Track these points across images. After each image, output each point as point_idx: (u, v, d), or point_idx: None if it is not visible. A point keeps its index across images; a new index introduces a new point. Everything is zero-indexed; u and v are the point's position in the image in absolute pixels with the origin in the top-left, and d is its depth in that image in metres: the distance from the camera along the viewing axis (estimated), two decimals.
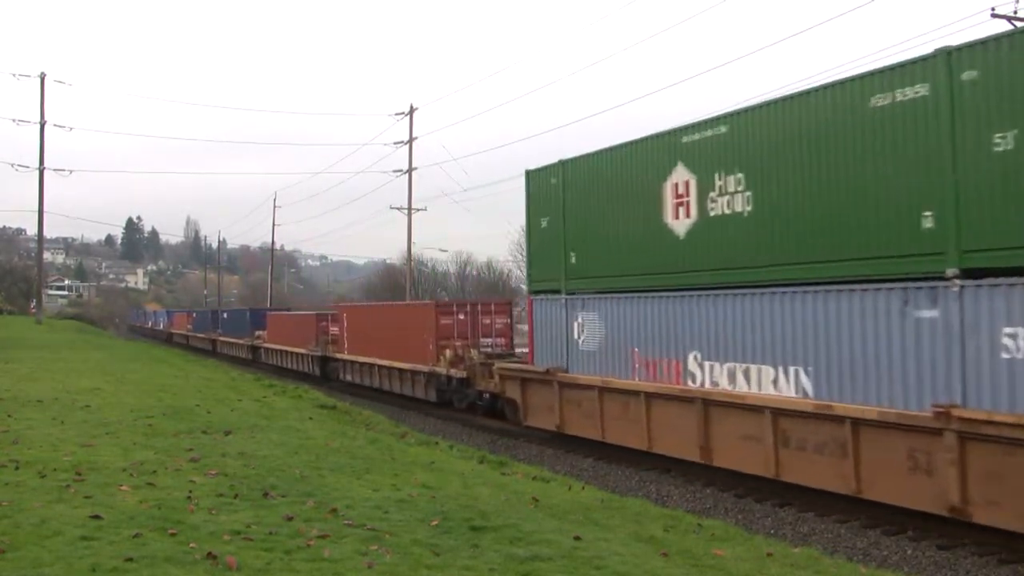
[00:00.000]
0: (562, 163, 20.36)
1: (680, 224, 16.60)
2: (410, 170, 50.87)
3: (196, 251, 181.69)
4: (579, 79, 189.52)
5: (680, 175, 16.55)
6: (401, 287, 61.71)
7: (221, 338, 63.17)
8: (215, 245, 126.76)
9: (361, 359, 34.39)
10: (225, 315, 66.78)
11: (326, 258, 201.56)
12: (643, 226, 17.61)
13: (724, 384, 15.58)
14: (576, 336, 19.68)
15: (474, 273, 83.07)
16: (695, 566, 7.63)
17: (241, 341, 55.86)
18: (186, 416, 14.36)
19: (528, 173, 21.92)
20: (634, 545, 8.19)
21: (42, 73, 53.90)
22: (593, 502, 11.07)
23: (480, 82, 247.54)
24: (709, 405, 15.83)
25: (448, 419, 28.29)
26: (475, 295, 74.55)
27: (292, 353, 44.07)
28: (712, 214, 15.81)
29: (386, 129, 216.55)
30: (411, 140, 50.82)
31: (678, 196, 16.59)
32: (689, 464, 17.59)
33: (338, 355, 37.06)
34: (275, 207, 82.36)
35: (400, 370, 30.73)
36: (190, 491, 8.29)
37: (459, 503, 8.89)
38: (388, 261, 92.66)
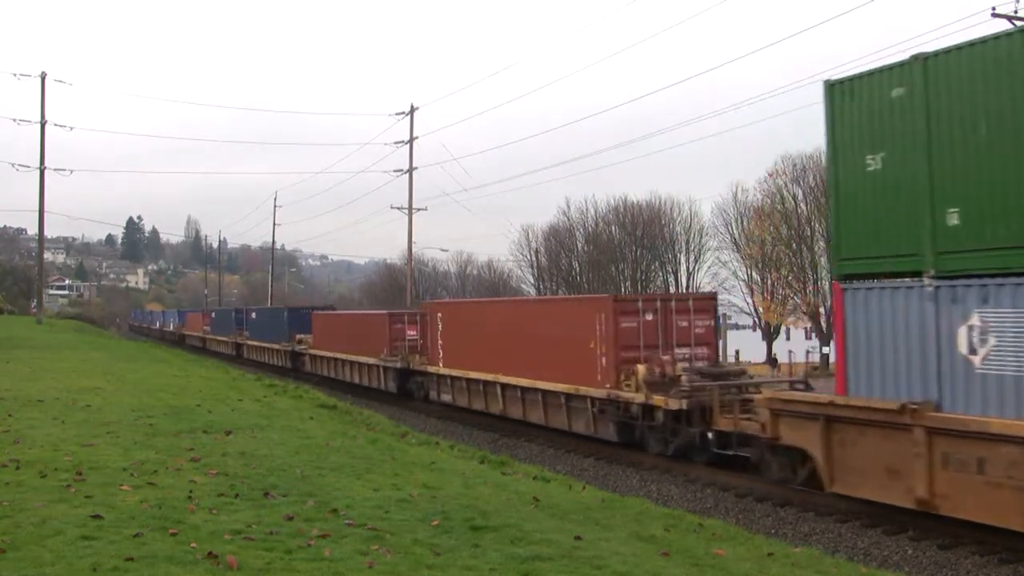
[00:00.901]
0: (922, 60, 12.48)
1: None
2: (411, 170, 50.89)
3: (197, 251, 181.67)
4: (579, 79, 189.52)
5: None
6: (402, 287, 61.75)
7: (249, 342, 54.42)
8: (215, 245, 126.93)
9: (472, 375, 25.76)
10: (254, 315, 56.73)
11: (326, 258, 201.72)
12: None
13: None
14: (965, 350, 11.86)
15: (474, 273, 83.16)
16: (696, 566, 7.63)
17: (277, 346, 47.67)
18: (187, 416, 14.36)
19: (831, 87, 13.77)
20: (635, 545, 8.19)
21: (43, 73, 53.74)
22: (594, 502, 11.07)
23: (480, 82, 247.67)
24: None
25: (447, 420, 27.97)
26: (475, 295, 74.58)
27: (354, 363, 36.17)
28: None
29: (387, 129, 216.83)
30: (411, 140, 50.85)
31: None
32: (690, 464, 17.58)
33: (429, 368, 28.89)
34: (275, 207, 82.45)
35: (545, 393, 22.16)
36: (191, 491, 8.29)
37: (460, 503, 8.89)
38: (389, 261, 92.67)
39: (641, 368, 18.77)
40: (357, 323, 37.94)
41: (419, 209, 51.63)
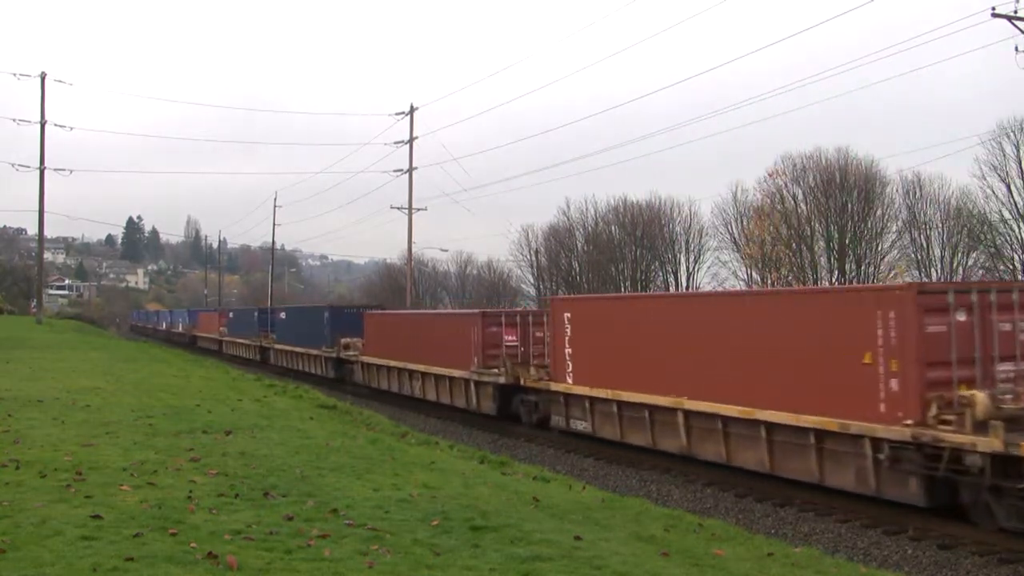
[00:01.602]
0: None
1: None
2: (410, 170, 50.87)
3: (196, 251, 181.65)
4: (579, 79, 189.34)
5: None
6: (401, 287, 61.75)
7: (277, 346, 48.76)
8: (215, 245, 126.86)
9: (627, 396, 19.03)
10: (283, 314, 50.22)
11: (326, 258, 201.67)
12: None
13: None
14: None
15: (474, 273, 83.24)
16: (696, 566, 7.63)
17: (316, 352, 41.31)
18: (186, 416, 14.37)
19: None
20: (634, 545, 8.19)
21: (42, 73, 53.55)
22: (594, 502, 11.07)
23: (481, 81, 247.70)
24: None
25: (450, 420, 27.95)
26: (475, 296, 74.52)
27: (428, 375, 29.52)
28: None
29: (387, 129, 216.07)
30: (411, 140, 50.81)
31: None
32: (689, 463, 17.59)
33: (552, 386, 22.13)
34: (275, 207, 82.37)
35: (771, 427, 15.36)
36: (191, 491, 8.30)
37: (460, 503, 8.89)
38: (388, 261, 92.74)
39: (981, 396, 12.24)
40: (432, 326, 31.02)
41: (419, 209, 51.61)
